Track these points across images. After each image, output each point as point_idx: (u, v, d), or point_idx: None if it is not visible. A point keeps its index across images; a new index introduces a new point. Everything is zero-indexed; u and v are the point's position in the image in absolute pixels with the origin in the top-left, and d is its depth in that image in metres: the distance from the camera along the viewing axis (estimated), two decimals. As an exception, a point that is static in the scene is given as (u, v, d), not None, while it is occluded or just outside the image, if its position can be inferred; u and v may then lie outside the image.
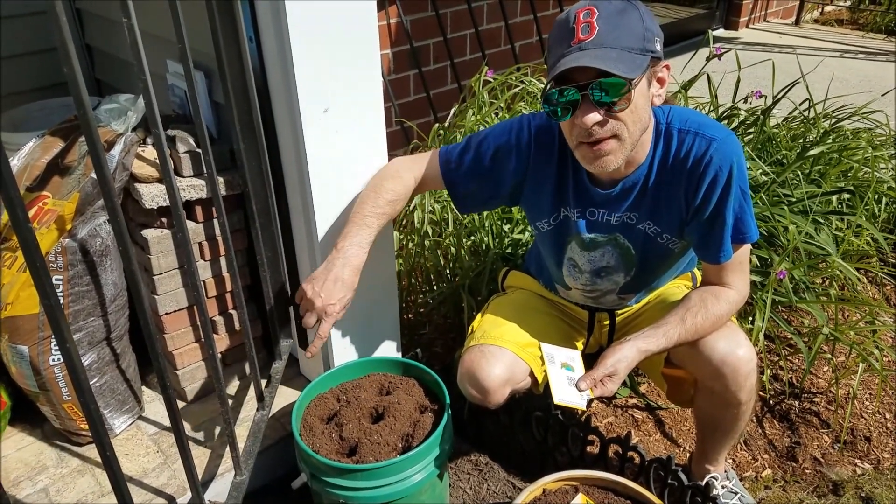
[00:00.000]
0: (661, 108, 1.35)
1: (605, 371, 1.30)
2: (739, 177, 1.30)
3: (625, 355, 1.31)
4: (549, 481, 1.45)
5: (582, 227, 1.45)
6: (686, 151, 1.32)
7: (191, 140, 1.58)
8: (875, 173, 2.25)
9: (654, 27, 1.23)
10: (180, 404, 1.78)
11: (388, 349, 1.86)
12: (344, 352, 1.76)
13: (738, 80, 2.48)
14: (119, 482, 1.07)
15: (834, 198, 2.19)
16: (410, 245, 2.15)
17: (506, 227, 2.16)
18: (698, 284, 1.57)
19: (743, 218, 1.33)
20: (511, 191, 1.49)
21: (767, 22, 5.48)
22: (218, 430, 1.72)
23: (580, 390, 1.29)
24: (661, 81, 1.28)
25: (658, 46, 1.23)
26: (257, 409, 1.64)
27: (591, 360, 1.83)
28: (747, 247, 1.39)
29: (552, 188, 1.45)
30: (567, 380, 1.33)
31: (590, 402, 1.32)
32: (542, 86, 1.30)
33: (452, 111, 2.64)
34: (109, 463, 1.03)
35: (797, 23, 5.47)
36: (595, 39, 1.17)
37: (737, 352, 1.35)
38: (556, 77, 1.20)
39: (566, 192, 1.44)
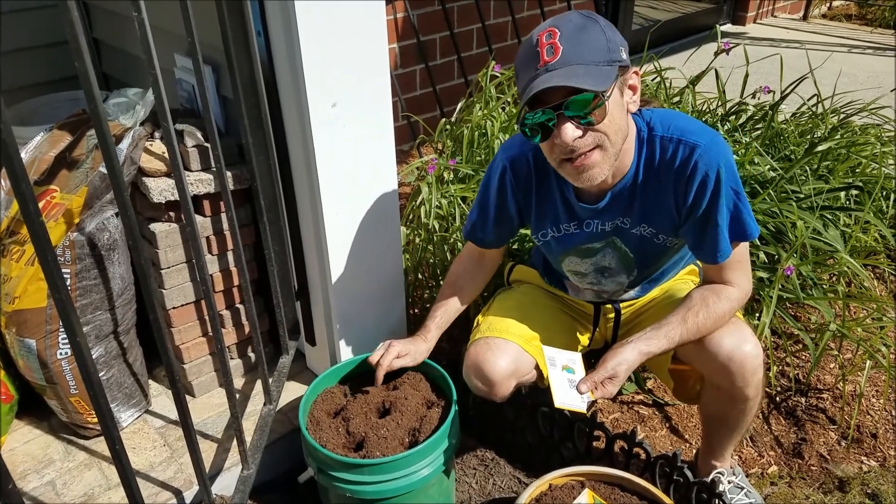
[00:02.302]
0: (639, 114, 1.36)
1: (606, 373, 1.30)
2: (729, 178, 1.30)
3: (625, 358, 1.32)
4: (555, 476, 1.45)
5: (579, 238, 1.47)
6: (670, 158, 1.32)
7: (199, 134, 1.58)
8: (883, 169, 2.24)
9: (618, 38, 1.24)
10: (187, 399, 1.79)
11: (395, 344, 1.86)
12: (350, 346, 1.76)
13: (747, 76, 2.47)
14: (128, 476, 1.07)
15: (842, 194, 2.17)
16: (417, 240, 2.15)
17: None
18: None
19: (740, 217, 1.33)
20: (520, 219, 1.55)
21: (775, 17, 5.45)
22: (224, 424, 1.72)
23: (580, 393, 1.30)
24: (633, 88, 1.28)
25: (624, 55, 1.24)
26: (264, 404, 1.65)
27: (596, 357, 1.83)
28: (746, 244, 1.39)
29: (544, 210, 1.48)
30: (568, 382, 1.34)
31: (591, 404, 1.32)
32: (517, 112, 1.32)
33: (459, 106, 2.64)
34: (119, 457, 1.03)
35: (805, 18, 5.44)
36: (560, 59, 1.19)
37: (743, 347, 1.35)
38: (528, 101, 1.21)
39: (557, 212, 1.46)
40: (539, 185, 1.45)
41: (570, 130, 1.21)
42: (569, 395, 1.31)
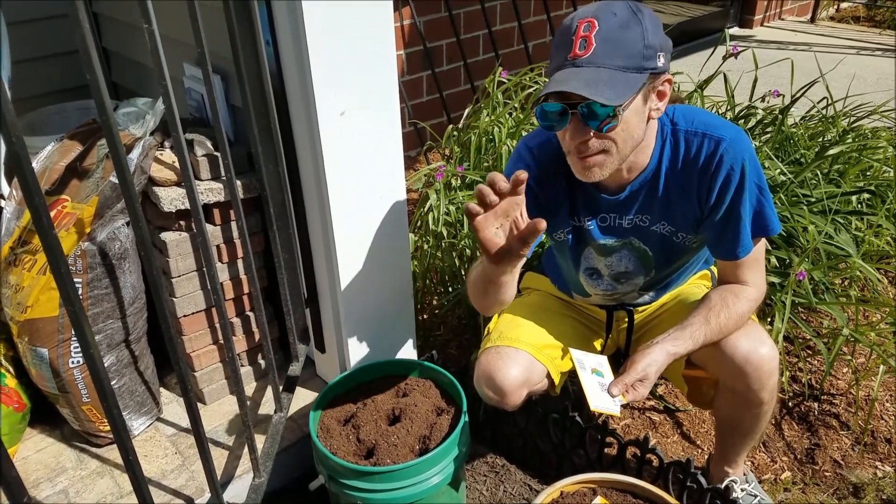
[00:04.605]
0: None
1: (636, 375, 1.29)
2: (753, 173, 1.30)
3: (654, 359, 1.31)
4: (567, 484, 1.44)
5: (596, 233, 1.45)
6: (695, 153, 1.31)
7: (208, 143, 1.58)
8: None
9: (658, 42, 1.20)
10: (198, 406, 1.79)
11: (404, 350, 1.86)
12: (360, 353, 1.76)
13: (756, 80, 2.46)
14: (140, 484, 1.08)
15: (854, 197, 2.16)
16: (426, 246, 2.15)
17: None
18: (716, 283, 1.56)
19: (763, 211, 1.33)
20: (538, 208, 1.47)
21: (782, 20, 5.43)
22: (235, 431, 1.72)
23: (612, 395, 1.29)
24: (661, 95, 1.27)
25: (661, 62, 1.21)
26: (275, 411, 1.65)
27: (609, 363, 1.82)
28: (763, 243, 1.39)
29: (565, 198, 1.45)
30: (599, 385, 1.32)
31: (622, 407, 1.31)
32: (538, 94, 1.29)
33: (466, 112, 2.64)
34: (132, 467, 1.04)
35: (813, 20, 5.42)
36: (589, 57, 1.17)
37: (759, 350, 1.34)
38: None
39: (577, 201, 1.44)
40: (564, 171, 1.41)
41: (578, 132, 1.21)
42: (602, 398, 1.29)
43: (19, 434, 1.67)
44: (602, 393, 1.30)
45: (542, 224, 1.08)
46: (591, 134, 1.21)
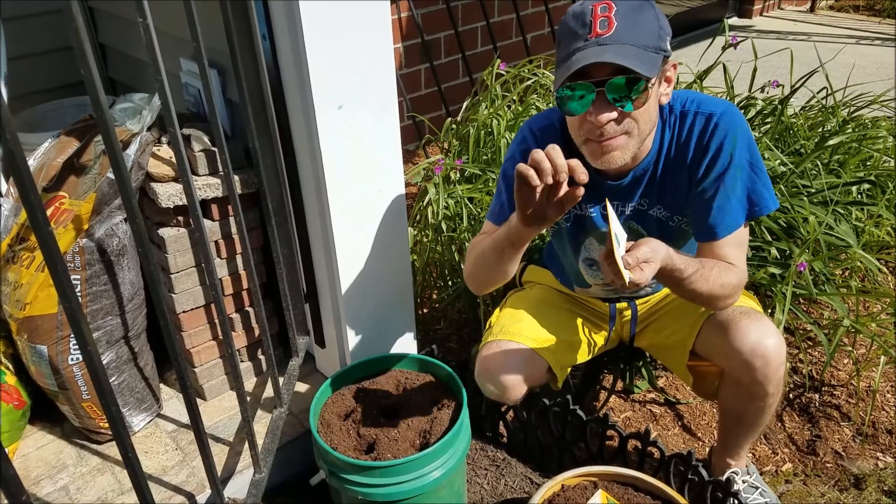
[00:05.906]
0: None
1: (645, 255, 1.17)
2: (744, 147, 1.28)
3: (658, 247, 1.20)
4: (568, 477, 1.44)
5: (598, 221, 1.44)
6: (689, 130, 1.31)
7: (205, 139, 1.58)
8: None
9: (667, 26, 1.22)
10: (198, 402, 1.79)
11: (404, 345, 1.86)
12: (360, 348, 1.76)
13: (755, 70, 2.45)
14: (140, 482, 1.07)
15: (854, 188, 2.15)
16: (425, 240, 2.15)
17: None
18: None
19: (755, 188, 1.31)
20: None
21: (782, 9, 5.41)
22: (235, 427, 1.72)
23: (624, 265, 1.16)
24: (668, 80, 1.27)
25: (669, 45, 1.22)
26: (275, 407, 1.65)
27: (612, 356, 1.82)
28: (745, 230, 1.36)
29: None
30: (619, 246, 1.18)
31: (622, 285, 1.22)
32: (554, 79, 1.26)
33: (465, 105, 2.63)
34: (131, 464, 1.03)
35: (812, 9, 5.40)
36: (613, 35, 1.15)
37: (767, 342, 1.34)
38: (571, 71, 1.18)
39: None
40: (567, 157, 1.39)
41: (606, 112, 1.19)
42: (621, 256, 1.16)
43: (19, 431, 1.66)
44: (620, 250, 1.17)
45: (581, 191, 1.09)
46: (617, 113, 1.19)
